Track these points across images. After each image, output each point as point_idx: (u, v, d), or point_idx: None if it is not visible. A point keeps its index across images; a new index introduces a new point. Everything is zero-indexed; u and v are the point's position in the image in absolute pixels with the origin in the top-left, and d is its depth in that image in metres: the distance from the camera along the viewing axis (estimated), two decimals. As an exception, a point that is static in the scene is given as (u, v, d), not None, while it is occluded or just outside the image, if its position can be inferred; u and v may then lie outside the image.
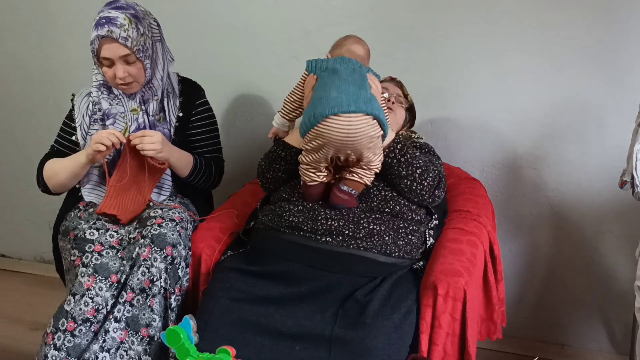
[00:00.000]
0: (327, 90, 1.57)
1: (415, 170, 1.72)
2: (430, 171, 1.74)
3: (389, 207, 1.73)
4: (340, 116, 1.53)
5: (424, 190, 1.73)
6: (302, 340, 1.55)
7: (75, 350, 1.65)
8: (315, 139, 1.59)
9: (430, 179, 1.73)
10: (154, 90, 1.93)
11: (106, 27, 1.76)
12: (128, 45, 1.78)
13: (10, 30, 2.75)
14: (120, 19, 1.78)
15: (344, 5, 2.28)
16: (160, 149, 1.82)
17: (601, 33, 2.03)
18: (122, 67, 1.81)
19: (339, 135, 1.55)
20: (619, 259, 2.21)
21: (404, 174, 1.72)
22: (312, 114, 1.56)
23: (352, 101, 1.54)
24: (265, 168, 1.85)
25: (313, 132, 1.57)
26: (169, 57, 1.98)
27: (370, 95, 1.60)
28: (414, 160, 1.72)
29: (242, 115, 2.54)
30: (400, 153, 1.72)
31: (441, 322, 1.60)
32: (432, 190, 1.75)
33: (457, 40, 2.18)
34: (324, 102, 1.55)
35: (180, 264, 1.77)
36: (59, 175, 1.91)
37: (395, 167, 1.72)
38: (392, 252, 1.69)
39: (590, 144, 2.13)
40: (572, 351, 2.33)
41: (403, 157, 1.72)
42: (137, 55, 1.81)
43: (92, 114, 1.94)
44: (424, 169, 1.73)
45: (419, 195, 1.74)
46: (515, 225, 2.30)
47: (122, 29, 1.77)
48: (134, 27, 1.80)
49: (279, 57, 2.40)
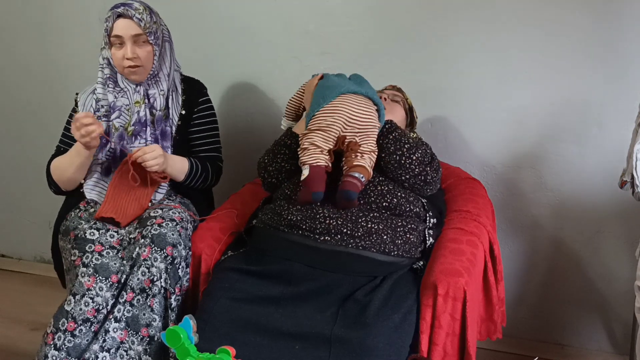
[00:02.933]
0: (332, 82, 1.78)
1: (403, 145, 1.77)
2: (420, 148, 1.79)
3: (386, 201, 1.74)
4: (353, 94, 1.75)
5: (413, 164, 1.76)
6: (302, 339, 1.55)
7: (75, 350, 1.66)
8: (330, 115, 1.71)
9: (419, 154, 1.77)
10: (160, 84, 1.94)
11: (122, 7, 1.86)
12: (141, 25, 1.86)
13: (12, 31, 2.75)
14: (136, 4, 1.89)
15: (344, 5, 2.28)
16: (163, 162, 1.84)
17: (601, 33, 2.03)
18: (131, 47, 1.87)
19: (353, 109, 1.72)
20: (619, 259, 2.21)
21: (392, 149, 1.77)
22: (322, 95, 1.74)
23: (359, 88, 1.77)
24: (269, 161, 1.88)
25: (328, 108, 1.72)
26: (176, 64, 2.03)
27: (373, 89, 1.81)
28: (402, 137, 1.79)
29: (242, 115, 2.54)
30: (389, 131, 1.80)
31: (441, 322, 1.60)
32: (422, 166, 1.77)
33: (457, 40, 2.18)
34: (335, 88, 1.75)
35: (180, 264, 1.77)
36: (67, 171, 1.91)
37: (384, 145, 1.77)
38: (391, 251, 1.69)
39: (590, 144, 2.13)
40: (572, 351, 2.33)
41: (391, 135, 1.79)
42: (149, 38, 1.88)
43: (96, 110, 1.95)
44: (412, 144, 1.78)
45: (409, 171, 1.76)
46: (515, 225, 2.30)
47: (137, 12, 1.87)
48: (148, 14, 1.90)
49: (279, 57, 2.40)
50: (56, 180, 1.95)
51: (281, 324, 1.57)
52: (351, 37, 2.29)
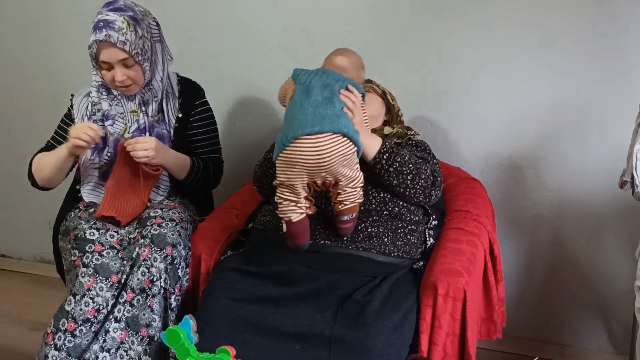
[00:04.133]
0: (295, 112, 1.55)
1: (406, 177, 1.69)
2: (422, 173, 1.71)
3: (387, 209, 1.73)
4: (306, 138, 1.50)
5: (417, 193, 1.72)
6: (301, 339, 1.55)
7: (75, 351, 1.66)
8: (288, 167, 1.55)
9: (422, 182, 1.71)
10: (154, 92, 1.93)
11: (104, 32, 1.75)
12: (126, 49, 1.77)
13: (10, 30, 2.75)
14: (118, 22, 1.76)
15: (344, 5, 2.28)
16: (154, 155, 1.81)
17: (601, 33, 2.03)
18: (120, 71, 1.81)
19: (308, 157, 1.51)
20: (619, 259, 2.21)
21: (395, 182, 1.70)
22: (280, 139, 1.54)
23: (317, 121, 1.51)
24: (260, 175, 1.84)
25: (283, 157, 1.54)
26: (168, 56, 1.97)
27: (340, 112, 1.55)
28: (403, 168, 1.69)
29: (242, 115, 2.54)
30: (388, 163, 1.69)
31: (441, 322, 1.60)
32: (426, 192, 1.73)
33: (457, 41, 2.18)
34: (291, 124, 1.53)
35: (180, 264, 1.77)
36: (45, 169, 1.91)
37: (385, 177, 1.70)
38: (391, 252, 1.69)
39: (590, 144, 2.13)
40: (572, 351, 2.33)
41: (392, 167, 1.69)
42: (136, 59, 1.81)
43: (91, 114, 1.94)
44: (414, 173, 1.70)
45: (413, 199, 1.74)
46: (515, 225, 2.30)
47: (120, 33, 1.76)
48: (133, 31, 1.79)
49: (279, 57, 2.40)
50: (34, 173, 1.94)
51: (281, 324, 1.57)
52: (351, 37, 2.29)
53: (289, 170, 1.55)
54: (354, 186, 1.61)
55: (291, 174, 1.56)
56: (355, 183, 1.61)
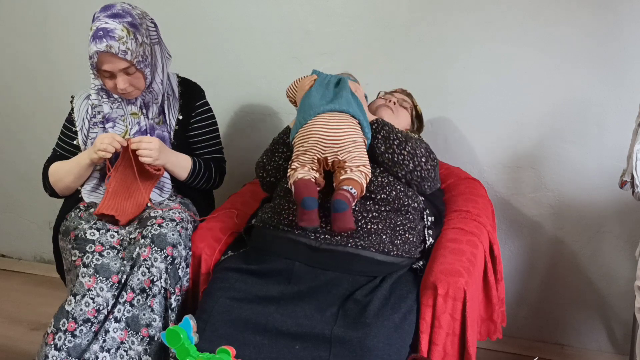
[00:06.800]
0: (315, 96, 1.77)
1: (392, 142, 1.77)
2: (409, 140, 1.78)
3: (385, 193, 1.74)
4: (326, 114, 1.72)
5: (405, 159, 1.76)
6: (302, 339, 1.55)
7: (75, 351, 1.66)
8: (305, 140, 1.71)
9: (409, 147, 1.77)
10: (154, 94, 1.93)
11: (104, 42, 1.73)
12: (128, 58, 1.77)
13: (12, 31, 2.75)
14: (117, 31, 1.74)
15: (344, 5, 2.28)
16: (157, 156, 1.82)
17: (601, 33, 2.03)
18: (122, 79, 1.81)
19: (326, 131, 1.69)
20: (619, 259, 2.21)
21: (383, 148, 1.77)
22: (303, 115, 1.74)
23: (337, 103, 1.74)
24: (267, 160, 1.90)
25: (303, 131, 1.72)
26: (167, 54, 1.96)
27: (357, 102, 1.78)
28: (390, 134, 1.78)
29: (242, 115, 2.54)
30: (377, 130, 1.79)
31: (441, 322, 1.60)
32: (415, 160, 1.76)
33: (457, 41, 2.18)
34: (312, 106, 1.74)
35: (180, 264, 1.77)
36: (65, 179, 1.93)
37: (374, 145, 1.78)
38: (390, 251, 1.69)
39: (590, 144, 2.13)
40: (572, 351, 2.33)
41: (380, 134, 1.79)
42: (137, 66, 1.80)
43: (92, 117, 1.95)
44: (401, 139, 1.78)
45: (403, 166, 1.76)
46: (515, 225, 2.30)
47: (120, 42, 1.74)
48: (133, 38, 1.77)
49: (279, 57, 2.40)
50: (52, 185, 1.96)
51: (281, 324, 1.57)
52: (351, 37, 2.29)
53: (307, 144, 1.71)
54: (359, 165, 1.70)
55: (306, 149, 1.71)
56: (361, 164, 1.70)
